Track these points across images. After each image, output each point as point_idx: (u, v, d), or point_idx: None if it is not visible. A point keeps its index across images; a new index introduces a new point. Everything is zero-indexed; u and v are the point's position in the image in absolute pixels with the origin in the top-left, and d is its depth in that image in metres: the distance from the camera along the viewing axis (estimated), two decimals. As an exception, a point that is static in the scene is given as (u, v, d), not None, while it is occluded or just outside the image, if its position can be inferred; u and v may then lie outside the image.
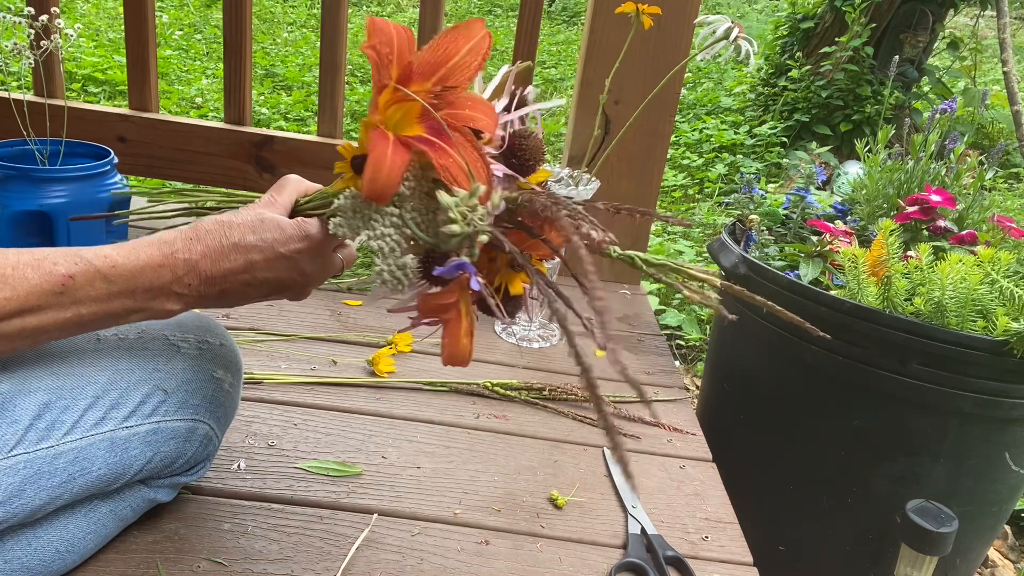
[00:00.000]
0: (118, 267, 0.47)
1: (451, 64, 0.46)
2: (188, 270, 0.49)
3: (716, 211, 2.82)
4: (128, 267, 0.47)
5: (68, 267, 0.45)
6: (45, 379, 0.50)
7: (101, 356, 0.53)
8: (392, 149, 0.43)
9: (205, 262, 0.49)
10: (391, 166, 0.43)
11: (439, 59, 0.46)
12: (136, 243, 0.49)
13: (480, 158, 0.45)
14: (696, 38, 1.02)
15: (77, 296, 0.46)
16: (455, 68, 0.46)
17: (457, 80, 0.46)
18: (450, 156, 0.44)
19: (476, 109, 0.47)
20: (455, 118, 0.46)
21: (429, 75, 0.46)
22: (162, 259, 0.48)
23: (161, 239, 0.49)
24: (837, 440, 0.94)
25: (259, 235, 0.50)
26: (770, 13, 6.49)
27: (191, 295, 0.50)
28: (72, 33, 1.00)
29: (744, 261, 1.02)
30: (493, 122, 0.48)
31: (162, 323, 0.58)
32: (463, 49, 0.46)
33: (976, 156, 1.27)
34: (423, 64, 0.46)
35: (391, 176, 0.43)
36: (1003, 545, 1.34)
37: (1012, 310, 0.85)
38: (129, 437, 0.54)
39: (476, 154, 0.45)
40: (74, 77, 3.46)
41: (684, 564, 0.66)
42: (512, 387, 0.92)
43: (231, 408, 0.62)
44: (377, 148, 0.43)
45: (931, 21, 3.46)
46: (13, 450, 0.47)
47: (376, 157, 0.43)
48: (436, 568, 0.63)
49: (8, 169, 0.96)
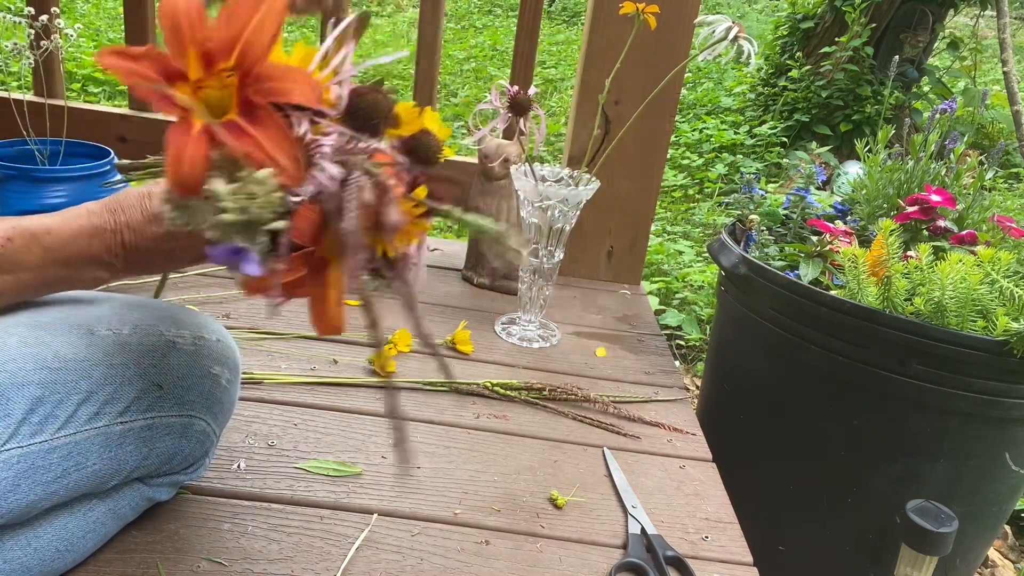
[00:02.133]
0: (53, 233, 0.49)
1: (246, 36, 0.43)
2: (114, 241, 0.50)
3: (716, 211, 2.82)
4: (62, 235, 0.49)
5: (5, 231, 0.48)
6: (38, 373, 0.49)
7: (95, 351, 0.53)
8: (192, 143, 0.41)
9: (128, 232, 0.51)
10: (190, 161, 0.41)
11: (233, 33, 0.42)
12: (67, 212, 0.51)
13: (283, 138, 0.42)
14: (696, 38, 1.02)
15: (16, 260, 0.48)
16: (251, 40, 0.43)
17: (256, 53, 0.43)
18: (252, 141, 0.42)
19: (287, 79, 0.44)
20: (263, 94, 0.43)
21: (228, 52, 0.43)
22: (92, 228, 0.50)
23: (89, 210, 0.51)
24: (837, 440, 0.94)
25: None
26: (770, 13, 6.49)
27: (118, 264, 0.52)
28: (72, 33, 1.00)
29: (744, 261, 1.02)
30: (310, 89, 0.44)
31: (158, 318, 0.58)
32: (255, 16, 0.42)
33: (976, 156, 1.27)
34: (218, 42, 0.42)
35: (192, 171, 0.41)
36: (1003, 545, 1.34)
37: (1012, 310, 0.85)
38: (124, 432, 0.53)
39: (279, 134, 0.42)
40: (74, 77, 3.46)
41: (684, 564, 0.66)
42: (512, 387, 0.92)
43: (229, 405, 0.62)
44: (173, 144, 0.41)
45: (931, 21, 3.46)
46: (6, 444, 0.47)
47: (173, 153, 0.41)
48: (436, 568, 0.63)
49: (8, 169, 0.96)
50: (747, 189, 1.21)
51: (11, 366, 0.48)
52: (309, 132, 0.45)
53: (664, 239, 2.48)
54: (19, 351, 0.49)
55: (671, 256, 2.33)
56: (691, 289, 2.14)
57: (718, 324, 1.17)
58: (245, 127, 0.42)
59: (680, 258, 2.32)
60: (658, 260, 2.29)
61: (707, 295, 2.07)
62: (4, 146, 1.05)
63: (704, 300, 2.04)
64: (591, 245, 1.37)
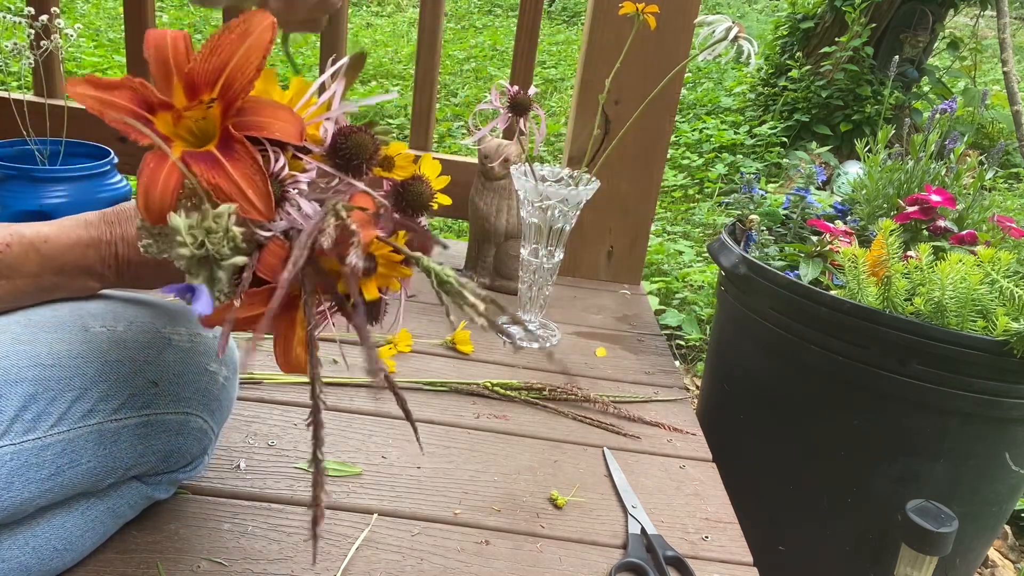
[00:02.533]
0: (50, 242, 0.50)
1: (230, 69, 0.42)
2: (108, 252, 0.52)
3: (716, 211, 2.82)
4: (59, 244, 0.50)
5: (3, 237, 0.49)
6: (31, 370, 0.49)
7: (89, 347, 0.53)
8: (166, 171, 0.41)
9: (123, 246, 0.52)
10: (163, 189, 0.41)
11: (216, 65, 0.42)
12: (64, 221, 0.52)
13: (255, 173, 0.42)
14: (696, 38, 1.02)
15: (13, 265, 0.49)
16: (234, 72, 0.42)
17: (239, 85, 0.42)
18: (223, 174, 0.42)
19: (268, 114, 0.43)
20: (243, 127, 0.43)
21: (212, 83, 0.43)
22: (89, 240, 0.51)
23: (87, 220, 0.52)
24: (837, 440, 0.94)
25: None
26: (770, 13, 6.49)
27: (109, 275, 0.53)
28: (72, 33, 1.00)
29: (744, 261, 1.02)
30: (293, 127, 0.44)
31: (153, 315, 0.57)
32: (240, 49, 0.42)
33: (976, 156, 1.27)
34: (202, 73, 0.42)
35: (163, 200, 0.41)
36: (1003, 545, 1.34)
37: (1012, 310, 0.85)
38: (119, 430, 0.53)
39: (251, 168, 0.42)
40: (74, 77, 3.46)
41: (684, 564, 0.66)
42: (512, 387, 0.92)
43: (227, 402, 0.62)
44: (147, 173, 0.41)
45: (931, 21, 3.46)
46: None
47: (146, 184, 0.41)
48: (436, 568, 0.63)
49: (8, 169, 0.96)
50: (747, 189, 1.21)
51: (4, 363, 0.48)
52: (286, 167, 0.44)
53: (664, 239, 2.48)
54: (12, 348, 0.49)
55: (671, 256, 2.33)
56: (691, 289, 2.14)
57: (718, 324, 1.17)
58: (219, 159, 0.42)
59: (680, 258, 2.32)
60: (658, 260, 2.29)
61: (707, 295, 2.07)
62: (4, 146, 1.05)
63: (704, 300, 2.04)
64: (591, 245, 1.37)
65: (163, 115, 0.43)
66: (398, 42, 5.40)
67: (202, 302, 0.40)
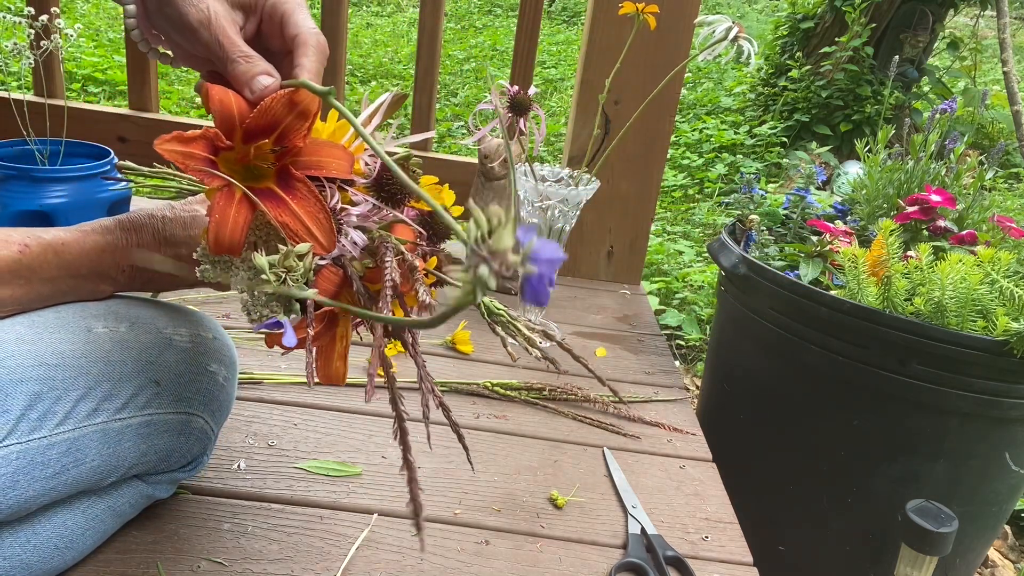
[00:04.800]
0: (68, 246, 0.51)
1: (281, 128, 0.46)
2: (124, 259, 0.53)
3: (716, 211, 2.82)
4: (76, 248, 0.51)
5: (23, 238, 0.49)
6: (36, 369, 0.49)
7: (93, 348, 0.53)
8: (235, 209, 0.44)
9: (139, 253, 0.53)
10: (232, 226, 0.44)
11: (269, 123, 0.46)
12: (82, 227, 0.53)
13: (319, 211, 0.46)
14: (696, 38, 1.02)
15: (32, 267, 0.49)
16: (286, 131, 0.46)
17: (291, 141, 0.46)
18: (289, 212, 0.45)
19: (324, 154, 0.47)
20: (302, 167, 0.47)
21: (268, 134, 0.46)
22: (105, 245, 0.52)
23: (103, 226, 0.53)
24: (837, 440, 0.94)
25: (188, 232, 0.55)
26: (770, 13, 6.49)
27: (123, 280, 0.54)
28: (72, 33, 1.00)
29: (744, 261, 1.02)
30: (346, 164, 0.48)
31: (155, 315, 0.58)
32: (289, 116, 0.46)
33: (976, 156, 1.27)
34: (260, 127, 0.46)
35: (233, 236, 0.44)
36: (1003, 545, 1.34)
37: (1012, 310, 0.85)
38: (122, 429, 0.53)
39: (315, 206, 0.46)
40: (74, 77, 3.46)
41: (684, 564, 0.66)
42: (512, 387, 0.92)
43: (226, 402, 0.62)
44: (219, 209, 0.44)
45: (931, 21, 3.46)
46: (4, 441, 0.47)
47: (219, 220, 0.44)
48: (436, 568, 0.63)
49: (8, 169, 0.96)
50: (747, 189, 1.21)
51: (9, 363, 0.48)
52: (339, 202, 0.49)
53: (664, 239, 2.48)
54: (17, 347, 0.49)
55: (671, 256, 2.33)
56: (691, 289, 2.14)
57: (718, 324, 1.17)
58: (282, 196, 0.46)
59: (680, 258, 2.32)
60: (658, 260, 2.29)
61: (707, 295, 2.07)
62: (4, 146, 1.05)
63: (704, 300, 2.04)
64: (591, 245, 1.37)
65: (225, 154, 0.46)
66: (398, 42, 5.39)
67: (288, 334, 0.43)
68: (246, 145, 0.46)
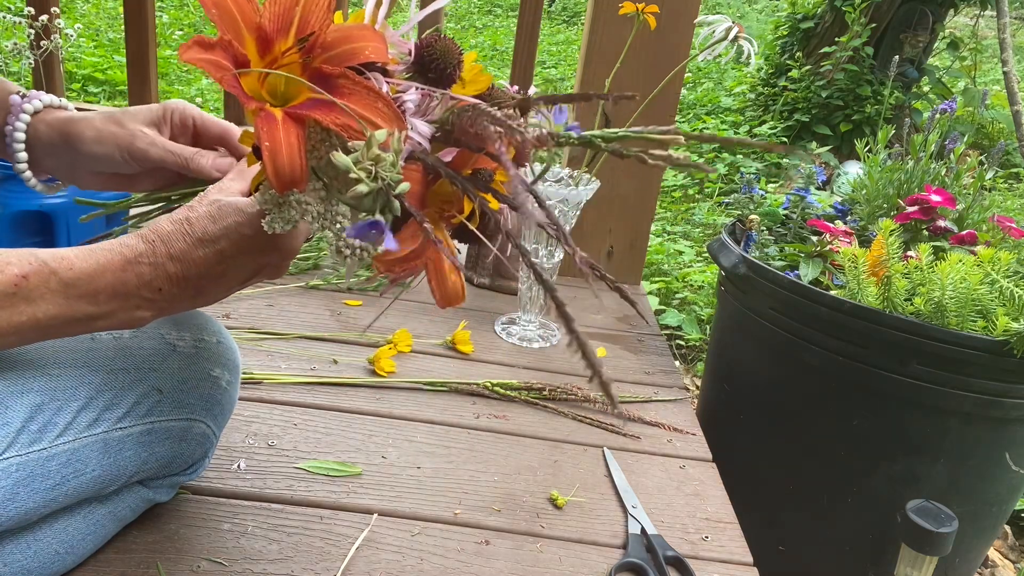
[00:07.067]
0: (75, 268, 0.44)
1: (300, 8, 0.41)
2: (155, 275, 0.46)
3: (716, 211, 2.82)
4: (86, 269, 0.45)
5: (22, 267, 0.43)
6: (38, 380, 0.49)
7: (95, 356, 0.53)
8: (284, 131, 0.39)
9: (173, 264, 0.46)
10: (289, 151, 0.39)
11: (286, 7, 0.41)
12: (93, 246, 0.46)
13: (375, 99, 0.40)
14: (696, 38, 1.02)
15: (31, 297, 0.43)
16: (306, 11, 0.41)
17: (314, 23, 0.41)
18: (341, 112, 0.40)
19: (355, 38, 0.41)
20: (336, 61, 0.41)
21: (286, 30, 0.41)
22: (123, 263, 0.45)
23: (122, 243, 0.46)
24: (837, 440, 0.94)
25: (220, 223, 0.47)
26: (770, 13, 6.49)
27: (162, 300, 0.47)
28: (72, 33, 1.00)
29: (744, 261, 1.02)
30: (381, 45, 0.42)
31: (158, 322, 0.57)
32: None
33: (976, 156, 1.27)
34: (273, 20, 0.41)
35: (292, 162, 0.39)
36: (1003, 545, 1.34)
37: (1012, 310, 0.85)
38: (123, 438, 0.53)
39: (369, 96, 0.40)
40: (74, 77, 3.46)
41: (684, 564, 0.66)
42: (512, 387, 0.92)
43: (228, 406, 0.62)
44: (267, 135, 0.38)
45: (931, 21, 3.46)
46: (5, 453, 0.46)
47: (271, 147, 0.38)
48: (436, 568, 0.63)
49: (8, 169, 0.96)
50: (747, 189, 1.21)
51: (10, 373, 0.48)
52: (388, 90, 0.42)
53: (664, 239, 2.48)
54: (17, 358, 0.49)
55: (671, 256, 2.33)
56: (691, 289, 2.14)
57: (718, 324, 1.17)
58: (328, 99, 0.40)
59: (680, 258, 2.32)
60: (658, 260, 2.29)
61: (707, 295, 2.07)
62: (4, 146, 1.05)
63: (704, 300, 2.04)
64: (591, 245, 1.37)
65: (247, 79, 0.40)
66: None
67: (389, 237, 0.38)
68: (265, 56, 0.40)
